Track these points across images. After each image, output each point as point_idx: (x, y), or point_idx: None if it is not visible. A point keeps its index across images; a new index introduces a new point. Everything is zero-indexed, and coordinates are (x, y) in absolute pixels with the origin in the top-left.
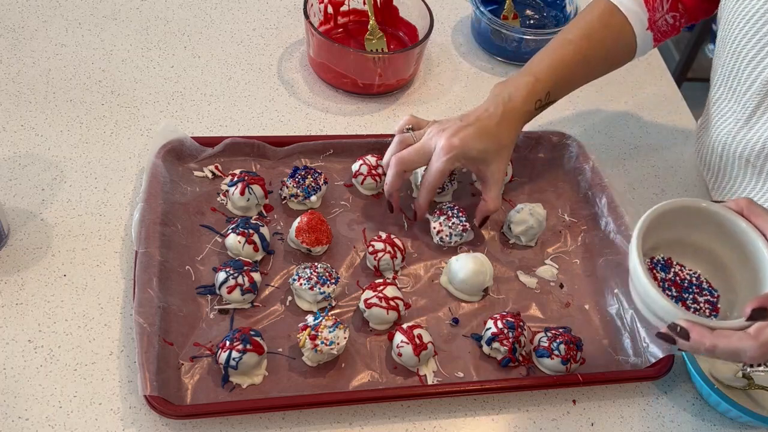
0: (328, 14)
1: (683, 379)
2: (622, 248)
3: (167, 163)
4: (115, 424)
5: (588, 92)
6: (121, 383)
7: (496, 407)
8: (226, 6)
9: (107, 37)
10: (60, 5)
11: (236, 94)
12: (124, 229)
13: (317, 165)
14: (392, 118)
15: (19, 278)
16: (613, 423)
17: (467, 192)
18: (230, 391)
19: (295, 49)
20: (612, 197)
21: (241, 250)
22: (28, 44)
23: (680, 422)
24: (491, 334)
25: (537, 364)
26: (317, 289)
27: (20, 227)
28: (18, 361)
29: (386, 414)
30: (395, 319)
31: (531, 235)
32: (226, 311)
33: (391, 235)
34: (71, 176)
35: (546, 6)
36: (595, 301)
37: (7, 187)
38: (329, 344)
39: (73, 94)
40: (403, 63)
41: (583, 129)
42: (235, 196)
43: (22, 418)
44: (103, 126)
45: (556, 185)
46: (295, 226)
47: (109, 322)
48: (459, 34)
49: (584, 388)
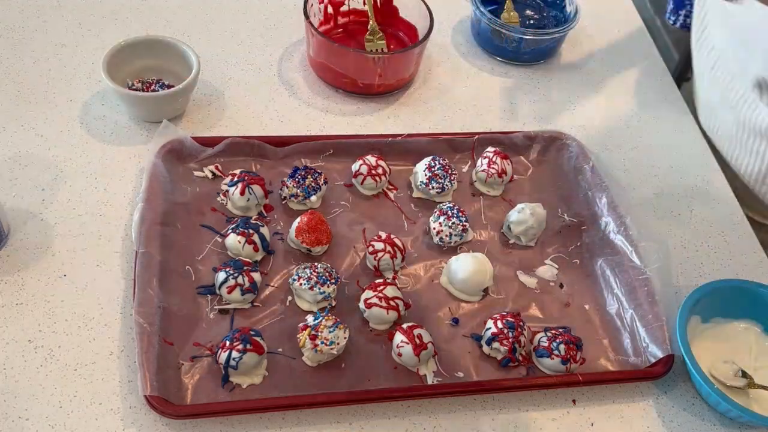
0: (328, 14)
1: (683, 379)
2: (622, 248)
3: (167, 163)
4: (115, 424)
5: (588, 92)
6: (121, 383)
7: (496, 407)
8: (226, 6)
9: (107, 37)
10: (60, 5)
11: (236, 94)
12: (124, 229)
13: (317, 165)
14: (392, 118)
15: (19, 278)
16: (613, 423)
17: (467, 192)
18: (230, 391)
19: (295, 49)
20: (612, 197)
21: (241, 250)
22: (28, 44)
23: (680, 422)
24: (491, 334)
25: (537, 364)
26: (317, 289)
27: (20, 227)
28: (18, 360)
29: (386, 414)
30: (395, 319)
31: (531, 235)
32: (226, 311)
33: (391, 235)
34: (71, 176)
35: (546, 6)
36: (595, 301)
37: (7, 187)
38: (329, 344)
39: (73, 94)
40: (403, 63)
41: (583, 129)
42: (235, 196)
43: (22, 417)
44: (103, 126)
45: (556, 185)
46: (295, 226)
47: (109, 322)
48: (459, 34)
49: (584, 388)
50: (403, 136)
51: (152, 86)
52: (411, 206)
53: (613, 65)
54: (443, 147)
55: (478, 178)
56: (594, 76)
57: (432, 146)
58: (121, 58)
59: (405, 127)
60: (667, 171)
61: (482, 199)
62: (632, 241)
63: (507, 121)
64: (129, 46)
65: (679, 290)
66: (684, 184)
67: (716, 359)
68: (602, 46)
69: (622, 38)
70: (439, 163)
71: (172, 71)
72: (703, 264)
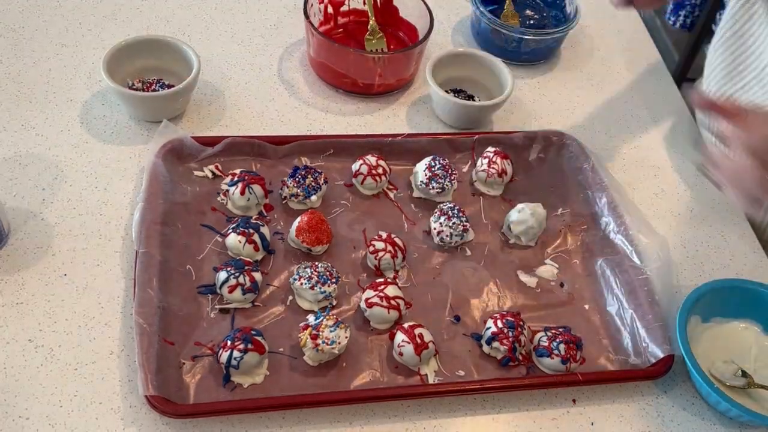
0: (328, 14)
1: (683, 379)
2: (622, 248)
3: (167, 163)
4: (115, 423)
5: (588, 92)
6: (121, 383)
7: (496, 407)
8: (226, 6)
9: (107, 37)
10: (60, 5)
11: (236, 94)
12: (124, 229)
13: (317, 165)
14: (392, 118)
15: (19, 278)
16: (613, 423)
17: (467, 192)
18: (231, 390)
19: (295, 49)
20: (612, 197)
21: (242, 250)
22: (28, 44)
23: (680, 422)
24: (491, 334)
25: (537, 363)
26: (318, 289)
27: (20, 227)
28: (18, 360)
29: (387, 413)
30: (396, 318)
31: (531, 235)
32: (227, 311)
33: (391, 235)
34: (71, 176)
35: (546, 6)
36: (595, 300)
37: (7, 187)
38: (330, 344)
39: (73, 94)
40: (403, 63)
41: (583, 129)
42: (235, 196)
43: (23, 417)
44: (103, 126)
45: (556, 185)
46: (296, 225)
47: (109, 321)
48: (459, 34)
49: (584, 388)
50: (403, 136)
51: (152, 86)
52: (411, 206)
53: (613, 65)
54: (443, 147)
55: (478, 178)
56: (594, 76)
57: (432, 146)
58: (121, 58)
59: (405, 127)
60: (667, 171)
61: (482, 199)
62: (632, 241)
63: (507, 121)
64: (129, 46)
65: (679, 290)
66: (684, 184)
67: (716, 359)
68: (602, 46)
69: (622, 38)
70: (439, 163)
71: (172, 71)
72: (703, 264)
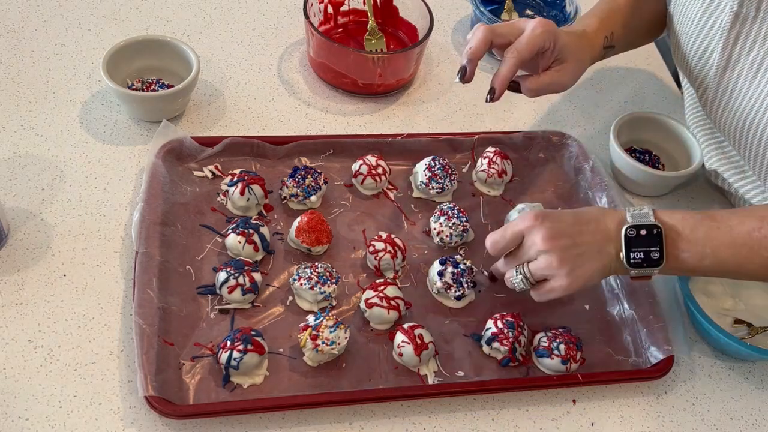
0: (328, 14)
1: (683, 379)
2: None
3: (167, 163)
4: (115, 424)
5: (588, 92)
6: (121, 383)
7: (496, 407)
8: (226, 6)
9: (107, 37)
10: (60, 5)
11: (236, 94)
12: (124, 229)
13: (317, 165)
14: (392, 118)
15: (19, 278)
16: (613, 423)
17: (467, 192)
18: (231, 391)
19: (295, 49)
20: (612, 197)
21: (242, 250)
22: (28, 44)
23: (680, 422)
24: (491, 334)
25: (537, 363)
26: (318, 289)
27: (20, 227)
28: (18, 360)
29: (386, 414)
30: (396, 318)
31: None
32: (226, 311)
33: (391, 235)
34: (71, 176)
35: (546, 6)
36: (595, 301)
37: (7, 187)
38: (330, 344)
39: (72, 94)
40: (403, 63)
41: (583, 129)
42: (235, 196)
43: (22, 417)
44: (102, 126)
45: (556, 185)
46: (295, 225)
47: (109, 322)
48: (459, 34)
49: (584, 388)
50: (403, 136)
51: (152, 86)
52: (411, 206)
53: (613, 65)
54: (443, 147)
55: (478, 178)
56: (594, 76)
57: (432, 146)
58: (121, 58)
59: (405, 127)
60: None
61: (482, 199)
62: None
63: (507, 121)
64: (129, 46)
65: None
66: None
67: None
68: None
69: None
70: (439, 163)
71: (172, 71)
72: None
